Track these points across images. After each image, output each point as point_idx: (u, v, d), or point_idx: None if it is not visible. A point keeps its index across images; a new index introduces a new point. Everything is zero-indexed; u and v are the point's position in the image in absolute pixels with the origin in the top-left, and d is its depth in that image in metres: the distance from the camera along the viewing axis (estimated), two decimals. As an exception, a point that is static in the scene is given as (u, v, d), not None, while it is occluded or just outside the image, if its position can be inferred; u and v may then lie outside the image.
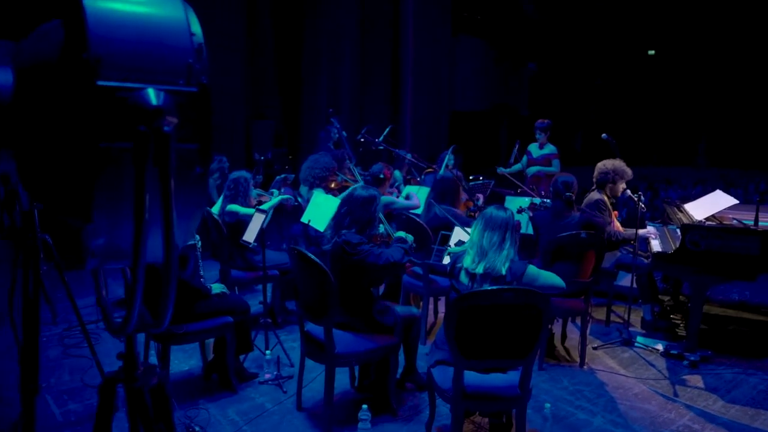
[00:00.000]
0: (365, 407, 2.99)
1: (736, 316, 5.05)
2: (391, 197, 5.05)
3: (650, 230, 4.70)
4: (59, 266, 3.08)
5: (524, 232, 4.63)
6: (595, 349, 4.27)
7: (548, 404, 3.16)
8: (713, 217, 4.25)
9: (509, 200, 5.33)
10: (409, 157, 6.53)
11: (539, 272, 2.83)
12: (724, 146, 13.63)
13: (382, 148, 6.52)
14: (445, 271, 3.56)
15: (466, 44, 12.82)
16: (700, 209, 4.30)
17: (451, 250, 3.61)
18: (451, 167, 5.58)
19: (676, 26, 13.47)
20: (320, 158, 5.03)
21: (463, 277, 2.87)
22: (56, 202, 0.99)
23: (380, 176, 4.81)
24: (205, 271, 3.88)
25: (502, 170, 6.67)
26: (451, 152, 5.88)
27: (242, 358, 3.79)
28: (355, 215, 3.26)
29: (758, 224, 3.87)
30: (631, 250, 4.40)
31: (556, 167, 6.68)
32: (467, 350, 2.57)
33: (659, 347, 4.26)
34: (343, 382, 3.60)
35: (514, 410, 2.83)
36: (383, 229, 3.47)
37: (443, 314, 3.46)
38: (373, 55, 10.16)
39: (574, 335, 4.36)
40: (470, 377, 2.68)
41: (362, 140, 6.47)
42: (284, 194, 4.80)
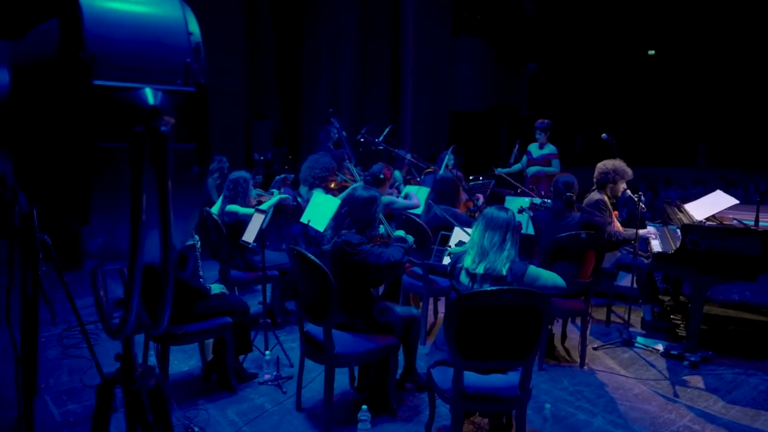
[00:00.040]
0: (365, 408, 2.99)
1: (736, 316, 5.05)
2: (391, 197, 5.04)
3: (650, 230, 4.69)
4: (58, 266, 3.08)
5: (525, 232, 4.62)
6: (595, 349, 4.27)
7: (548, 405, 3.16)
8: (713, 217, 4.24)
9: (509, 200, 5.32)
10: (408, 157, 6.52)
11: (540, 272, 2.83)
12: (724, 146, 13.63)
13: (381, 148, 6.51)
14: (444, 271, 3.55)
15: (466, 44, 12.80)
16: (700, 209, 4.29)
17: (451, 250, 3.61)
18: (451, 167, 5.58)
19: (676, 26, 13.46)
20: (320, 158, 5.03)
21: (463, 277, 2.87)
22: (53, 202, 0.99)
23: (380, 176, 4.80)
24: (204, 271, 3.88)
25: (500, 171, 6.66)
26: (450, 152, 5.88)
27: (242, 358, 3.79)
28: (355, 216, 3.26)
29: (759, 224, 3.87)
30: (631, 250, 4.39)
31: (556, 167, 6.68)
32: (467, 351, 2.56)
33: (659, 348, 4.26)
34: (342, 382, 3.59)
35: (514, 411, 2.83)
36: (383, 229, 3.46)
37: (443, 314, 3.46)
38: (373, 55, 10.15)
39: (574, 335, 4.36)
40: (470, 378, 2.68)
41: (362, 140, 6.46)
42: (283, 194, 4.80)
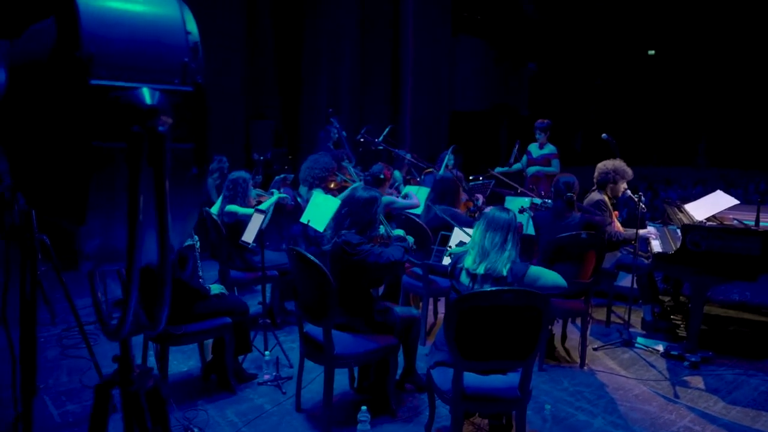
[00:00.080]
0: (364, 408, 2.98)
1: (736, 316, 5.04)
2: (390, 197, 5.04)
3: (650, 230, 4.69)
4: (57, 267, 3.08)
5: (526, 232, 4.61)
6: (595, 349, 4.26)
7: (548, 405, 3.15)
8: (714, 217, 4.24)
9: (509, 200, 5.31)
10: (408, 157, 6.52)
11: (541, 273, 2.81)
12: (724, 146, 13.62)
13: (381, 148, 6.51)
14: (444, 271, 3.55)
15: (466, 44, 12.80)
16: (700, 209, 4.29)
17: (452, 250, 3.60)
18: (450, 167, 5.57)
19: (676, 26, 13.46)
20: (320, 158, 5.02)
21: (463, 277, 2.86)
22: (50, 203, 0.98)
23: (380, 176, 4.79)
24: (204, 271, 3.87)
25: (498, 170, 6.69)
26: (450, 152, 5.88)
27: (241, 358, 3.78)
28: (356, 217, 3.25)
29: (759, 224, 3.87)
30: (631, 250, 4.38)
31: (555, 167, 6.68)
32: (467, 351, 2.55)
33: (660, 348, 4.25)
34: (342, 383, 3.58)
35: (514, 411, 2.82)
36: (383, 229, 3.45)
37: (443, 315, 3.45)
38: (373, 55, 10.14)
39: (574, 336, 4.35)
40: (470, 378, 2.67)
41: (362, 140, 6.46)
42: (282, 194, 4.79)
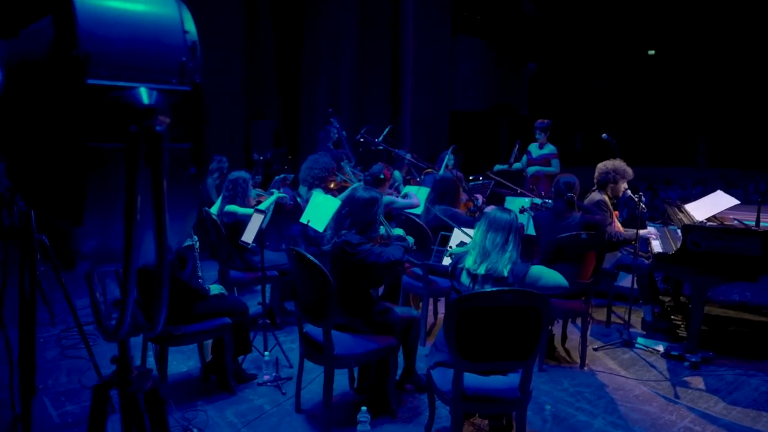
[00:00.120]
0: (364, 409, 2.97)
1: (736, 317, 5.03)
2: (390, 197, 5.03)
3: (651, 231, 4.68)
4: (56, 267, 3.07)
5: (527, 232, 4.61)
6: (595, 350, 4.25)
7: (548, 406, 3.15)
8: (714, 217, 4.23)
9: (509, 200, 5.31)
10: (408, 157, 6.51)
11: (542, 273, 2.80)
12: (724, 146, 13.61)
13: (381, 148, 6.50)
14: (444, 271, 3.54)
15: (466, 44, 12.79)
16: (701, 210, 4.28)
17: (453, 250, 3.59)
18: (450, 167, 5.57)
19: (676, 26, 13.45)
20: (319, 158, 5.01)
21: (464, 278, 2.85)
22: (46, 203, 0.97)
23: (380, 177, 4.79)
24: (203, 271, 3.87)
25: (498, 167, 6.74)
26: (450, 152, 5.87)
27: (241, 359, 3.77)
28: (356, 217, 3.24)
29: (759, 225, 3.86)
30: (631, 250, 4.38)
31: (555, 167, 6.68)
32: (467, 352, 2.55)
33: (660, 348, 4.24)
34: (342, 383, 3.58)
35: (514, 412, 2.81)
36: (383, 230, 3.44)
37: (443, 315, 3.44)
38: (373, 55, 10.14)
39: (574, 336, 4.34)
40: (470, 379, 2.66)
41: (362, 140, 6.45)
42: (281, 193, 4.77)
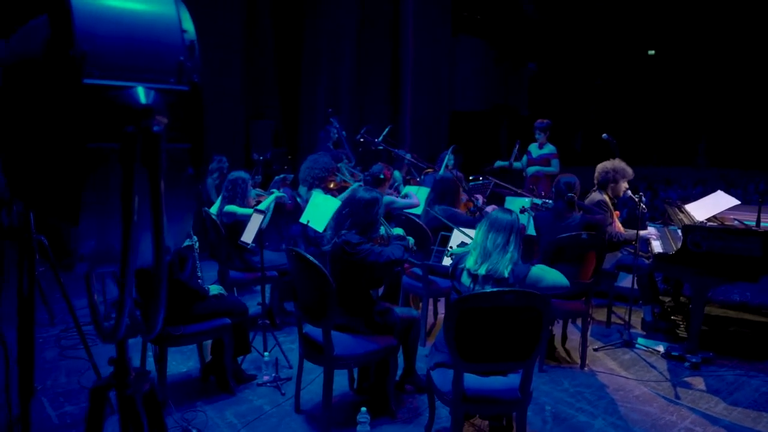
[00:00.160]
0: (364, 409, 2.96)
1: (736, 317, 5.02)
2: (391, 197, 5.02)
3: (651, 231, 4.67)
4: (55, 267, 3.06)
5: (527, 232, 4.59)
6: (595, 350, 4.24)
7: (548, 406, 3.14)
8: (714, 217, 4.22)
9: (509, 201, 5.30)
10: (408, 157, 6.50)
11: (542, 275, 2.79)
12: (724, 146, 13.60)
13: (381, 148, 6.49)
14: (444, 272, 3.53)
15: (466, 44, 12.78)
16: (701, 210, 4.27)
17: (453, 251, 3.58)
18: (450, 167, 5.56)
19: (676, 26, 13.44)
20: (319, 158, 5.01)
21: (464, 278, 2.84)
22: (43, 203, 0.97)
23: (380, 177, 4.78)
24: (203, 271, 3.86)
25: (498, 163, 6.75)
26: (450, 152, 5.86)
27: (240, 359, 3.76)
28: (357, 218, 3.23)
29: (760, 225, 3.85)
30: (631, 250, 4.37)
31: (555, 167, 6.67)
32: (467, 353, 2.54)
33: (660, 349, 4.23)
34: (342, 384, 3.57)
35: (514, 413, 2.81)
36: (383, 230, 3.43)
37: (443, 316, 3.43)
38: (373, 55, 10.13)
39: (574, 336, 4.34)
40: (470, 380, 2.66)
41: (362, 140, 6.44)
42: (280, 193, 4.76)
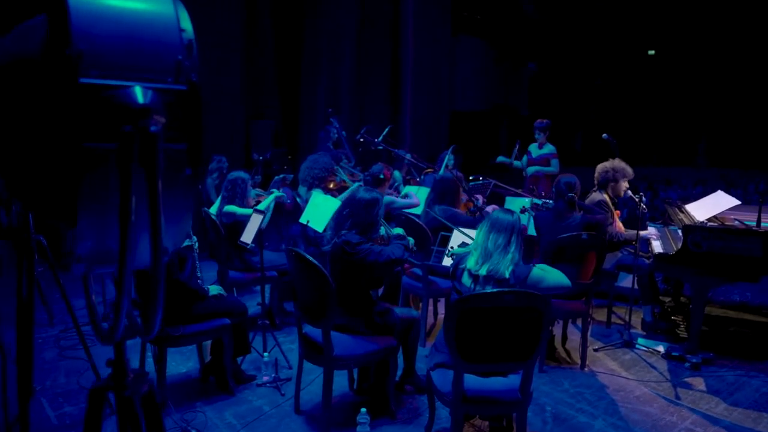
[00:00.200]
0: (364, 410, 2.96)
1: (737, 317, 5.02)
2: (391, 197, 5.02)
3: (651, 231, 4.66)
4: (53, 267, 3.06)
5: (528, 233, 4.58)
6: (595, 350, 4.24)
7: (549, 407, 3.13)
8: (715, 218, 4.22)
9: (509, 201, 5.30)
10: (408, 157, 6.50)
11: (543, 275, 2.77)
12: (724, 146, 13.60)
13: (381, 148, 6.49)
14: (444, 272, 3.52)
15: (466, 44, 12.80)
16: (701, 210, 4.27)
17: (454, 251, 3.58)
18: (450, 167, 5.55)
19: (676, 26, 13.44)
20: (319, 158, 5.00)
21: (465, 278, 2.83)
22: (40, 204, 0.96)
23: (380, 177, 4.77)
24: (202, 272, 3.85)
25: (500, 159, 6.76)
26: (450, 152, 5.85)
27: (240, 360, 3.76)
28: (357, 218, 3.22)
29: (760, 225, 3.84)
30: (632, 251, 4.36)
31: (555, 167, 6.67)
32: (467, 353, 2.53)
33: (660, 349, 4.23)
34: (341, 384, 3.56)
35: (514, 414, 2.80)
36: (383, 230, 3.43)
37: (443, 316, 3.43)
38: (373, 55, 10.12)
39: (574, 337, 4.33)
40: (470, 380, 2.65)
41: (362, 140, 6.44)
42: (279, 192, 4.74)
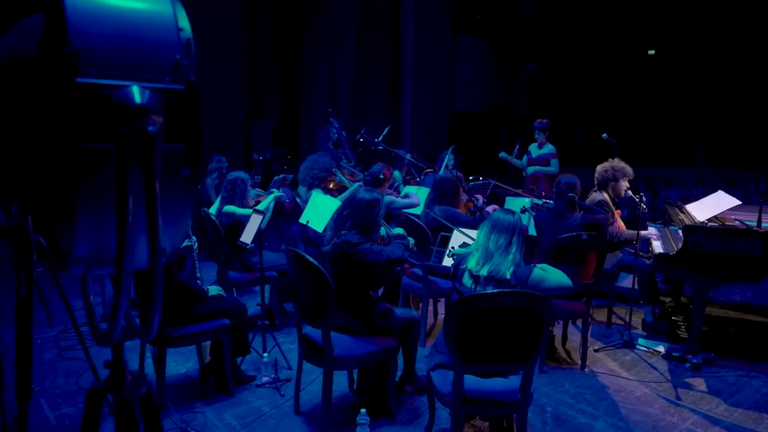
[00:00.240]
0: (363, 411, 2.95)
1: (737, 317, 5.01)
2: (391, 197, 5.01)
3: (652, 231, 4.66)
4: (52, 268, 3.05)
5: (528, 233, 4.58)
6: (596, 351, 4.23)
7: (549, 407, 3.13)
8: (715, 218, 4.21)
9: (509, 201, 5.29)
10: (408, 157, 6.49)
11: (544, 276, 2.76)
12: (724, 146, 13.60)
13: (381, 148, 6.48)
14: (444, 272, 3.51)
15: (466, 44, 12.79)
16: (702, 210, 4.26)
17: (455, 251, 3.57)
18: (450, 167, 5.54)
19: (676, 26, 13.44)
20: (319, 158, 4.99)
21: (466, 279, 2.82)
22: (37, 205, 0.95)
23: (380, 177, 4.76)
24: (202, 272, 3.84)
25: (502, 155, 6.76)
26: (450, 152, 5.84)
27: (239, 360, 3.75)
28: (357, 218, 3.21)
29: (761, 225, 3.84)
30: (632, 251, 4.36)
31: (554, 167, 6.66)
32: (467, 354, 2.52)
33: (661, 349, 4.22)
34: (341, 385, 3.55)
35: (514, 414, 2.79)
36: (383, 231, 3.42)
37: (443, 316, 3.42)
38: (372, 55, 10.12)
39: (575, 337, 4.32)
40: (470, 381, 2.64)
41: (361, 140, 6.43)
42: (278, 192, 4.73)
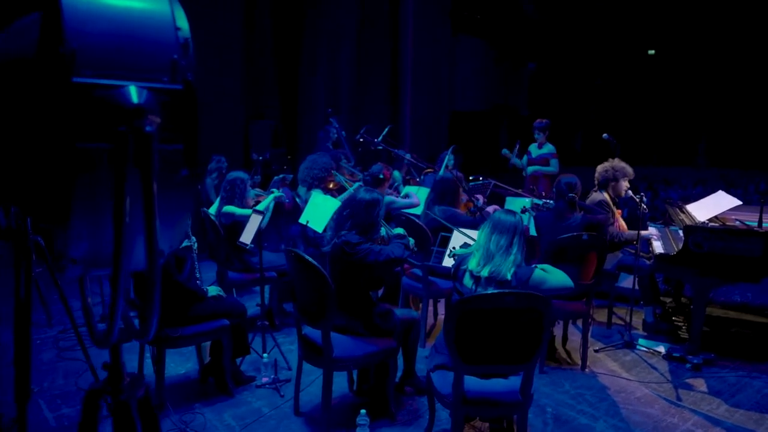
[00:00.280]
0: (363, 412, 2.94)
1: (738, 318, 5.00)
2: (391, 197, 5.00)
3: (652, 231, 4.65)
4: (51, 268, 3.04)
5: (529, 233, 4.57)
6: (596, 351, 4.22)
7: (549, 408, 3.12)
8: (716, 218, 4.20)
9: (509, 201, 5.28)
10: (408, 157, 6.48)
11: (546, 276, 2.75)
12: (724, 146, 13.60)
13: (381, 148, 6.48)
14: (444, 273, 3.50)
15: (466, 44, 12.79)
16: (702, 210, 4.25)
17: (456, 251, 3.56)
18: (450, 167, 5.54)
19: (676, 26, 13.44)
20: (318, 159, 4.98)
21: (467, 279, 2.81)
22: (33, 206, 0.94)
23: (380, 177, 4.75)
24: (202, 272, 3.83)
25: (505, 152, 6.76)
26: (450, 152, 5.84)
27: (239, 361, 3.74)
28: (357, 219, 3.20)
29: (762, 225, 3.83)
30: (632, 251, 4.35)
31: (554, 167, 6.66)
32: (467, 355, 2.52)
33: (661, 350, 4.21)
34: (341, 385, 3.55)
35: (515, 415, 2.78)
36: (383, 231, 3.41)
37: (443, 317, 3.41)
38: (372, 55, 10.12)
39: (575, 337, 4.31)
40: (470, 382, 2.63)
41: (361, 140, 6.42)
42: (278, 192, 4.73)
